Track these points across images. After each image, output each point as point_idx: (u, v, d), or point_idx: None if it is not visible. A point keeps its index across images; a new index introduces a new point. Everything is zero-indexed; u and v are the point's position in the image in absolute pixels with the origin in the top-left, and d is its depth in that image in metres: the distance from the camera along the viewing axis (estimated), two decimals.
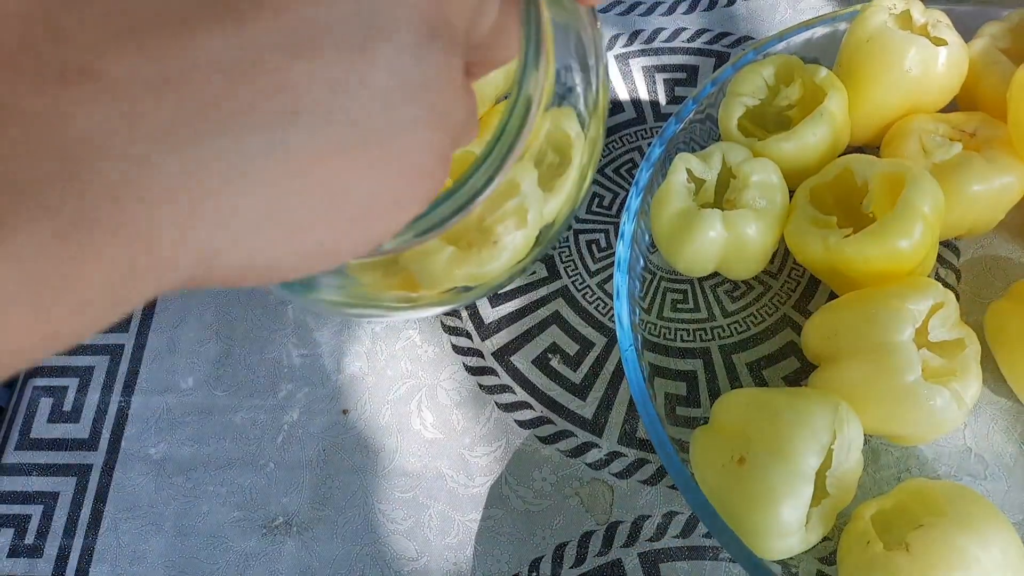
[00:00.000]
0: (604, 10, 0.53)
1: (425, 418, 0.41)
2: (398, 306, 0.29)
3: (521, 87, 0.19)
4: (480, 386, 0.42)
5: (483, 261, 0.27)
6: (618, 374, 0.41)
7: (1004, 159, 0.37)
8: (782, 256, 0.42)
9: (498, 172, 0.20)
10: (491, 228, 0.27)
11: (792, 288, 0.41)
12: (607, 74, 0.28)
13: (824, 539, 0.33)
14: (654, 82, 0.49)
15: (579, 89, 0.26)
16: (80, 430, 0.43)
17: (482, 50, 0.18)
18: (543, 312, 0.43)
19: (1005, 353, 0.35)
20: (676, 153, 0.40)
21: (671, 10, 0.52)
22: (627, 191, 0.45)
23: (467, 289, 0.29)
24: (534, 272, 0.44)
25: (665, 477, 0.38)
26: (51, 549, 0.40)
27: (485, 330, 0.43)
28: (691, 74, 0.49)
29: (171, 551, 0.39)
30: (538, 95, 0.20)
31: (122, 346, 0.45)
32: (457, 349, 0.43)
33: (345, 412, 0.42)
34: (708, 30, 0.51)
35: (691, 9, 0.51)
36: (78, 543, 0.40)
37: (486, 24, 0.17)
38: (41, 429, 0.43)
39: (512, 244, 0.27)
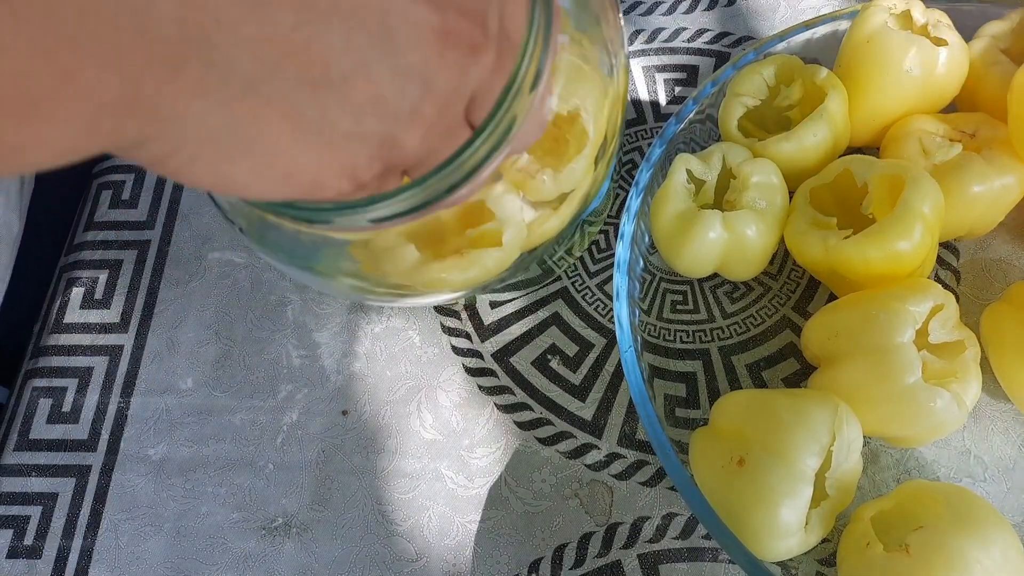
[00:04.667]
0: None
1: (424, 419, 0.41)
2: (391, 292, 0.29)
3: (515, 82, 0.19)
4: (480, 387, 0.41)
5: (445, 269, 0.27)
6: (618, 375, 0.41)
7: (1004, 160, 0.36)
8: (782, 257, 0.42)
9: (495, 153, 0.20)
10: (457, 241, 0.27)
11: (792, 289, 0.41)
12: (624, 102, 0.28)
13: (824, 541, 0.33)
14: (654, 82, 0.49)
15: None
16: (79, 431, 0.43)
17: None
18: (543, 313, 0.43)
19: (1000, 356, 0.35)
20: (676, 153, 0.40)
21: (671, 10, 0.52)
22: (627, 192, 0.44)
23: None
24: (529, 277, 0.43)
25: (664, 478, 0.38)
26: (50, 550, 0.40)
27: (485, 331, 0.43)
28: (691, 74, 0.49)
29: (170, 552, 0.39)
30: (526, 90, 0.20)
31: (121, 347, 0.45)
32: (456, 350, 0.43)
33: (345, 413, 0.42)
34: (708, 30, 0.50)
35: (691, 9, 0.51)
36: (77, 544, 0.40)
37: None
38: (40, 430, 0.43)
39: (479, 260, 0.27)
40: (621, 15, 0.26)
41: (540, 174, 0.26)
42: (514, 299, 0.43)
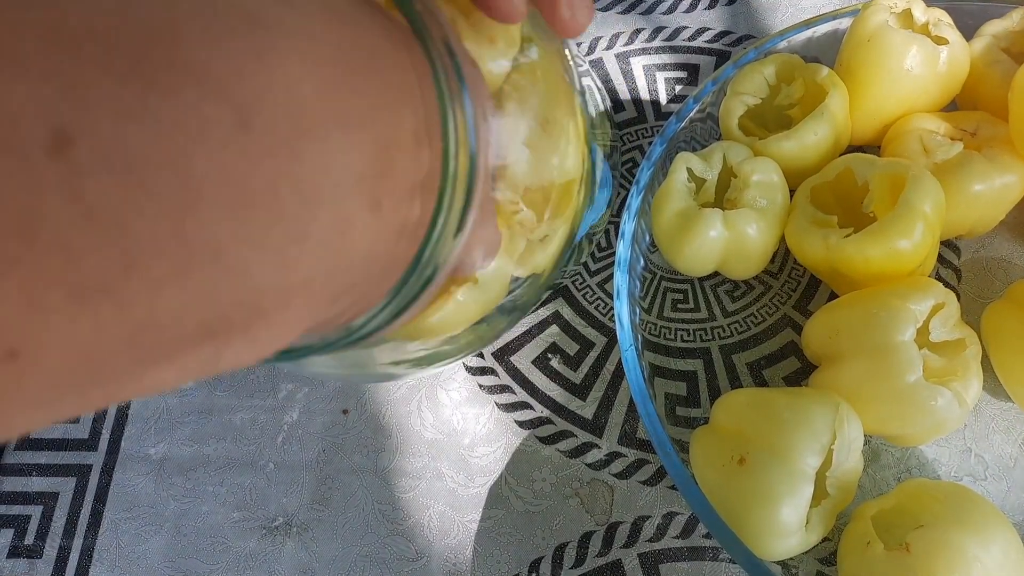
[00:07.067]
0: (605, 8, 0.53)
1: (425, 418, 0.41)
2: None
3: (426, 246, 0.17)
4: (480, 386, 0.41)
5: (410, 333, 0.24)
6: (618, 374, 0.41)
7: (1005, 158, 0.36)
8: (782, 256, 0.42)
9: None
10: None
11: (792, 288, 0.41)
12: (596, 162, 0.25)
13: (824, 540, 0.33)
14: (655, 81, 0.49)
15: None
16: (80, 430, 0.43)
17: None
18: (543, 312, 0.43)
19: (1001, 354, 0.35)
20: (677, 152, 0.40)
21: (672, 8, 0.52)
22: (628, 190, 0.44)
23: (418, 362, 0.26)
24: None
25: (665, 477, 0.38)
26: (51, 550, 0.40)
27: None
28: (692, 73, 0.49)
29: (171, 551, 0.39)
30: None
31: None
32: None
33: (345, 412, 0.42)
34: (709, 28, 0.50)
35: (692, 7, 0.51)
36: (78, 543, 0.40)
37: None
38: (40, 429, 0.43)
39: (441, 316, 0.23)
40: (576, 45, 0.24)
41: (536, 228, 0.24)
42: None
